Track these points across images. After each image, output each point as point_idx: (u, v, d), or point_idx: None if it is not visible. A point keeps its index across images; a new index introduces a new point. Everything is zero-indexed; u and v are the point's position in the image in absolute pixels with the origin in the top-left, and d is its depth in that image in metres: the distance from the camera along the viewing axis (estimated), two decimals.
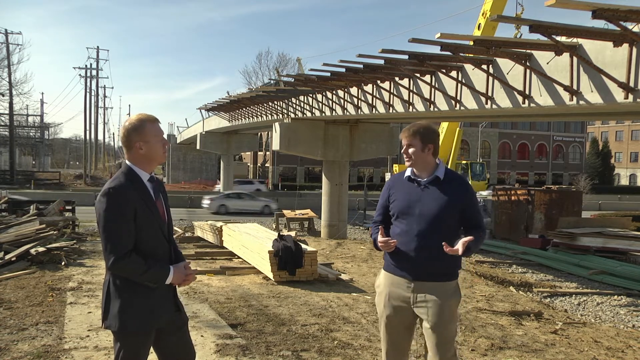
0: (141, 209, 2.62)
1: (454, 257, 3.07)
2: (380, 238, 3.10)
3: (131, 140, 2.69)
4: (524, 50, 8.18)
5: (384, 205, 3.28)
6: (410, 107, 11.85)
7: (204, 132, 37.20)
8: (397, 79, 12.00)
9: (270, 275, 8.48)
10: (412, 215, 3.08)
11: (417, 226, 3.05)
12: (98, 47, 57.85)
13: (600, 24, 6.34)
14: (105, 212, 2.55)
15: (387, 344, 3.25)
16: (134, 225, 2.59)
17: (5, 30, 42.79)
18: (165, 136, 2.84)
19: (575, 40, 7.35)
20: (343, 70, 11.77)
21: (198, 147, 38.36)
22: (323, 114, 16.22)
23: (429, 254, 3.02)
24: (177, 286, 2.85)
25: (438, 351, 3.08)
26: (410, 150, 3.12)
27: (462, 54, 8.41)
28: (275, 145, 18.70)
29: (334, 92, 15.11)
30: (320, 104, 16.19)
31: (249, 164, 59.79)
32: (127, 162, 2.73)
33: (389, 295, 3.17)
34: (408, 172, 3.21)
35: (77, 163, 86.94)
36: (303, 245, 9.02)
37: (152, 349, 2.81)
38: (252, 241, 9.69)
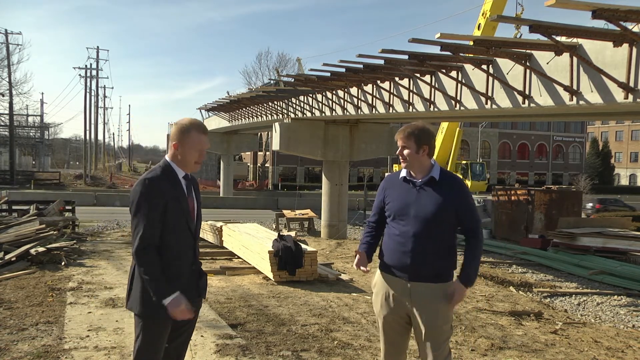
0: (172, 202, 2.76)
1: (448, 259, 3.09)
2: (357, 260, 3.23)
3: (173, 138, 2.85)
4: (524, 50, 8.18)
5: (379, 206, 3.29)
6: (410, 107, 11.85)
7: None
8: (397, 79, 12.00)
9: (270, 275, 8.47)
10: (407, 217, 3.08)
11: (413, 227, 3.04)
12: (98, 47, 57.80)
13: (600, 24, 6.34)
14: (139, 200, 2.71)
15: (385, 343, 3.26)
16: (161, 216, 2.72)
17: (5, 30, 42.75)
18: (206, 147, 2.90)
19: (575, 40, 7.35)
20: (343, 70, 11.76)
21: None
22: (323, 114, 16.22)
23: (424, 255, 3.02)
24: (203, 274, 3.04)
25: (432, 353, 3.08)
26: (405, 152, 3.11)
27: (462, 54, 8.41)
28: (275, 145, 18.70)
29: (334, 92, 15.11)
30: (320, 104, 16.19)
31: (249, 164, 59.80)
32: (166, 157, 2.88)
33: (385, 295, 3.17)
34: (403, 173, 3.20)
35: (77, 163, 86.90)
36: (303, 245, 9.02)
37: None
38: (252, 241, 9.69)
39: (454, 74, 10.00)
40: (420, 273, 3.04)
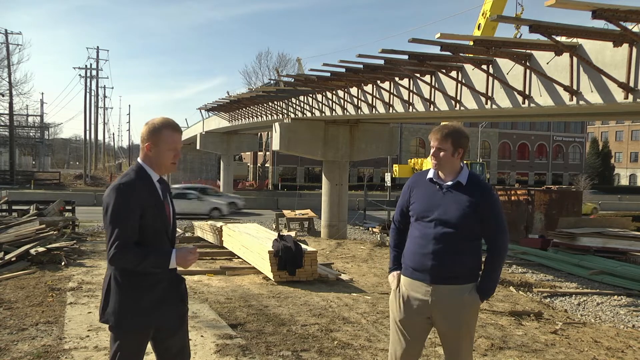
0: (149, 208, 2.62)
1: (472, 260, 3.03)
2: (394, 283, 3.19)
3: (144, 139, 2.70)
4: (524, 50, 8.18)
5: (402, 206, 3.23)
6: (410, 107, 11.85)
7: (203, 132, 37.21)
8: (397, 79, 12.00)
9: (270, 276, 8.47)
10: (430, 219, 3.01)
11: (435, 230, 2.98)
12: (98, 47, 57.79)
13: (600, 24, 6.34)
14: (113, 206, 2.55)
15: (398, 349, 3.15)
16: (138, 222, 2.59)
17: (5, 30, 42.80)
18: (180, 145, 2.78)
19: (575, 40, 7.35)
20: (343, 70, 11.76)
21: (198, 147, 38.36)
22: (323, 114, 16.22)
23: (445, 258, 2.96)
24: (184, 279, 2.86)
25: (456, 354, 3.05)
26: (441, 154, 3.03)
27: (462, 54, 8.41)
28: (275, 145, 18.70)
29: (334, 92, 15.11)
30: (320, 104, 16.19)
31: (249, 164, 59.79)
32: (139, 160, 2.74)
33: (405, 299, 3.09)
34: (430, 174, 3.13)
35: (77, 163, 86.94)
36: (303, 246, 9.02)
37: (150, 349, 2.81)
38: (252, 241, 9.69)
39: (454, 74, 10.00)
40: (441, 275, 2.97)
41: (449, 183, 3.05)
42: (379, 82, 12.64)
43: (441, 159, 3.04)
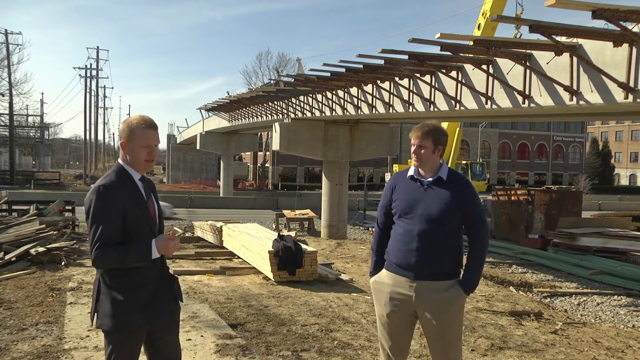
0: (131, 208, 2.61)
1: (454, 258, 3.08)
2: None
3: (120, 137, 2.71)
4: (524, 50, 8.17)
5: (385, 205, 3.27)
6: (410, 107, 11.85)
7: (203, 132, 37.20)
8: (397, 79, 12.00)
9: (270, 276, 8.47)
10: (414, 215, 3.06)
11: (419, 226, 3.03)
12: (98, 47, 57.73)
13: (600, 24, 6.34)
14: (93, 208, 2.54)
15: (387, 344, 3.21)
16: (120, 224, 2.57)
17: (5, 30, 42.81)
18: (155, 143, 2.73)
19: (575, 40, 7.35)
20: (343, 70, 11.75)
21: (198, 147, 38.37)
22: (323, 114, 16.22)
23: (429, 254, 3.01)
24: (176, 276, 2.86)
25: (442, 351, 3.07)
26: (422, 152, 3.10)
27: (462, 54, 8.40)
28: (275, 145, 18.70)
29: (334, 92, 15.11)
30: (320, 104, 16.18)
31: (249, 164, 59.79)
32: (119, 160, 2.73)
33: (390, 294, 3.14)
34: (411, 172, 3.19)
35: (77, 163, 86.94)
36: (303, 246, 9.01)
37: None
38: (252, 241, 9.69)
39: (454, 74, 10.00)
40: (425, 271, 3.03)
41: (430, 179, 3.12)
42: (379, 82, 12.63)
43: (422, 156, 3.11)
